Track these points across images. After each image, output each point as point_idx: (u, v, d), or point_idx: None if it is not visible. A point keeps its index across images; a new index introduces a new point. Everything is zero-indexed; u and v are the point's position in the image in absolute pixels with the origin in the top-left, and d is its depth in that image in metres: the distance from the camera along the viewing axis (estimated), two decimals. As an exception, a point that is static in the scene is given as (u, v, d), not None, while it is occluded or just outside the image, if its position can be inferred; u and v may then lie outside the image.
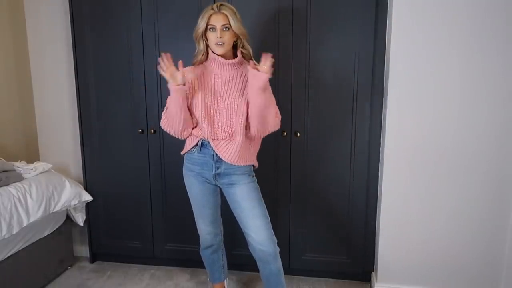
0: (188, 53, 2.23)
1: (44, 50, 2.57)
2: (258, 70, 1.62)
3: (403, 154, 2.07)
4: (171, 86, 1.70)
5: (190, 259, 2.50)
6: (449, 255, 2.12)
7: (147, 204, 2.48)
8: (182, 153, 1.90)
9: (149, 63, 2.30)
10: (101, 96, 2.41)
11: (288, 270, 2.41)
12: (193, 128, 1.84)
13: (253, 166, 1.88)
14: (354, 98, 2.16)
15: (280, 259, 1.82)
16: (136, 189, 2.47)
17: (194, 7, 2.21)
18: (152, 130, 2.37)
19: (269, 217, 1.81)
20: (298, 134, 2.23)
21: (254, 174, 1.87)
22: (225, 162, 1.77)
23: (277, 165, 2.29)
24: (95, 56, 2.37)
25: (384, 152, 2.10)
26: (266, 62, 1.60)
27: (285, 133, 2.22)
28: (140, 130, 2.38)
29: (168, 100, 1.77)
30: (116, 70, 2.36)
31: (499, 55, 1.91)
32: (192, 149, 1.84)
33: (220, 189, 1.90)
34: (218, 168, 1.79)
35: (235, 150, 1.74)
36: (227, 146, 1.75)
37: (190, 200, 1.94)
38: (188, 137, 1.87)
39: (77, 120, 2.48)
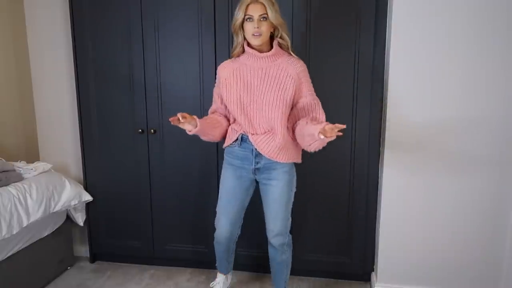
0: (187, 53, 2.24)
1: (44, 50, 2.57)
2: (325, 134, 1.56)
3: (403, 154, 2.07)
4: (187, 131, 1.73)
5: (190, 259, 2.50)
6: (449, 255, 2.12)
7: (147, 204, 2.48)
8: (223, 146, 1.91)
9: (149, 62, 2.30)
10: (101, 96, 2.41)
11: (288, 270, 2.42)
12: (232, 123, 1.87)
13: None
14: (354, 98, 2.16)
15: (289, 253, 1.98)
16: (136, 189, 2.47)
17: (194, 8, 2.21)
18: (152, 130, 2.37)
19: (290, 218, 1.93)
20: (298, 134, 2.23)
21: (294, 171, 1.88)
22: (265, 157, 1.77)
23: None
24: (95, 56, 2.37)
25: (384, 152, 2.10)
26: (334, 132, 1.54)
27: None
28: (140, 130, 2.38)
29: None
30: (116, 70, 2.36)
31: (500, 55, 1.91)
32: (233, 143, 1.84)
33: (257, 185, 1.92)
34: (258, 162, 1.80)
35: (275, 146, 1.74)
36: (267, 141, 1.76)
37: (220, 194, 1.93)
38: (228, 129, 1.88)
39: (77, 120, 2.48)
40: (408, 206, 2.11)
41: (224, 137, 1.91)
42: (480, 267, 2.10)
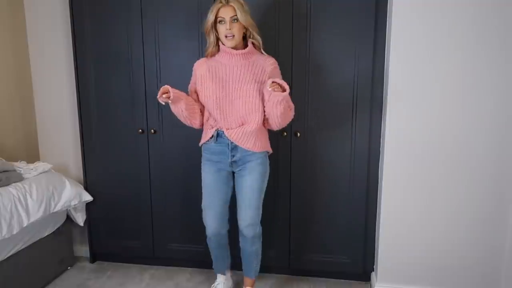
0: (187, 52, 2.25)
1: (44, 50, 2.57)
2: (276, 91, 1.71)
3: (403, 154, 2.07)
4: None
5: (190, 259, 2.51)
6: (449, 255, 2.12)
7: (147, 204, 2.48)
8: (200, 144, 2.00)
9: (149, 62, 2.30)
10: (101, 96, 2.41)
11: (288, 270, 2.42)
12: (207, 119, 1.95)
13: (267, 152, 1.99)
14: (355, 98, 2.16)
15: (259, 244, 2.04)
16: (136, 189, 2.47)
17: (194, 7, 2.21)
18: (152, 130, 2.37)
19: (261, 208, 1.98)
20: (298, 134, 2.23)
21: (268, 164, 1.98)
22: (240, 150, 1.87)
23: (277, 165, 2.29)
24: (95, 55, 2.37)
25: (384, 152, 2.11)
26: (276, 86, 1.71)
27: (285, 133, 2.22)
28: (140, 130, 2.38)
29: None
30: (116, 69, 2.36)
31: (499, 54, 1.91)
32: (209, 140, 1.93)
33: (233, 180, 2.00)
34: (234, 155, 1.89)
35: (247, 133, 1.84)
36: (241, 132, 1.85)
37: (202, 190, 2.01)
38: (204, 126, 1.98)
39: (77, 120, 2.48)
40: (408, 206, 2.11)
41: (200, 124, 1.98)
42: (480, 267, 2.10)
